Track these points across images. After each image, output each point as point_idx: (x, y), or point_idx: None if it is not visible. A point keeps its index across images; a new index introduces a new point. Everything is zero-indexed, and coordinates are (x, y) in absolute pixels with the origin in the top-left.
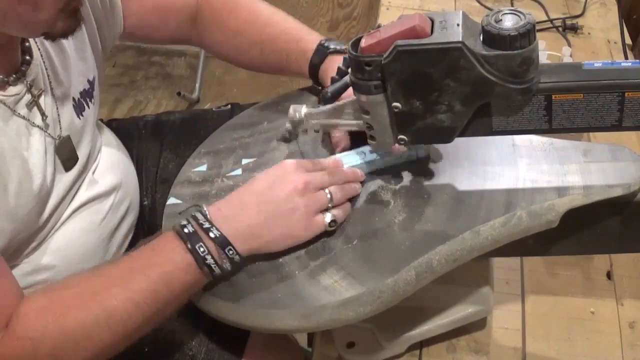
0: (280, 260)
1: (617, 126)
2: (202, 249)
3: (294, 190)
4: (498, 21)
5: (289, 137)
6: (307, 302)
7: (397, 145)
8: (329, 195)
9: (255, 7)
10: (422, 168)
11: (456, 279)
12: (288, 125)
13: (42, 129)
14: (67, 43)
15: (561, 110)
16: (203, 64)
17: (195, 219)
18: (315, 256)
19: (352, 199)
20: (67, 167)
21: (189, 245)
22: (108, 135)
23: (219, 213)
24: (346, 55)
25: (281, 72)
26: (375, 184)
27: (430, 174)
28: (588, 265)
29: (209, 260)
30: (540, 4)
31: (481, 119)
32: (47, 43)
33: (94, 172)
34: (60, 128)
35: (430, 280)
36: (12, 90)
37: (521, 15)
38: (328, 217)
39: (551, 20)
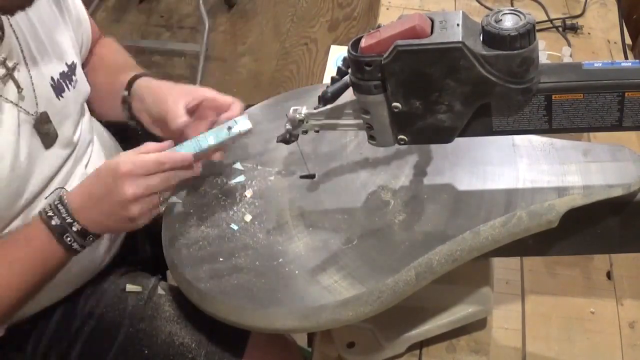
0: (280, 260)
1: (617, 126)
2: (69, 239)
3: (126, 201)
4: (498, 21)
5: (288, 138)
6: (307, 302)
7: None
8: (160, 198)
9: (119, 57)
10: (422, 168)
11: (456, 279)
12: (288, 126)
13: (16, 105)
14: (40, 24)
15: (561, 110)
16: (203, 64)
17: (59, 211)
18: (315, 256)
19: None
20: (47, 144)
21: (56, 235)
22: (102, 132)
23: (75, 204)
24: (345, 55)
25: (115, 115)
26: (375, 184)
27: (430, 174)
28: (588, 265)
29: (75, 246)
30: (540, 4)
31: (481, 119)
32: (19, 21)
33: (86, 166)
34: (37, 104)
35: (430, 280)
36: None
37: (521, 15)
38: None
39: (551, 20)
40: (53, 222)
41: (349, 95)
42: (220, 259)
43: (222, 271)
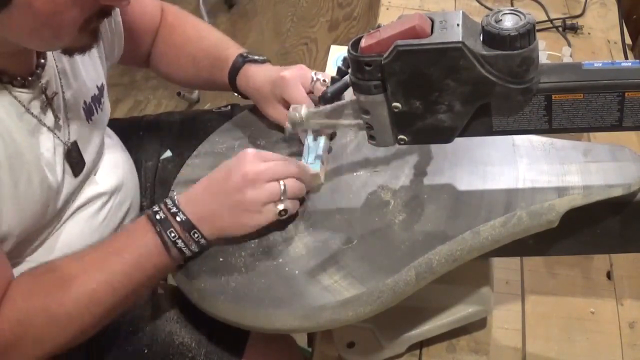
0: (280, 260)
1: (617, 126)
2: (172, 234)
3: (243, 180)
4: (498, 21)
5: (288, 138)
6: (307, 302)
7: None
8: (282, 187)
9: (197, 23)
10: (422, 168)
11: (456, 279)
12: (288, 126)
13: (52, 131)
14: None
15: (561, 110)
16: None
17: (165, 204)
18: (316, 256)
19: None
20: (76, 173)
21: (158, 229)
22: (110, 136)
23: (185, 198)
24: (345, 55)
25: (210, 85)
26: (375, 184)
27: (430, 174)
28: (588, 265)
29: (180, 243)
30: (540, 4)
31: (481, 119)
32: None
33: (95, 173)
34: (69, 132)
35: (430, 280)
36: (28, 90)
37: (521, 15)
38: (280, 206)
39: (551, 20)
40: (157, 216)
41: (349, 95)
42: (220, 259)
43: (222, 271)
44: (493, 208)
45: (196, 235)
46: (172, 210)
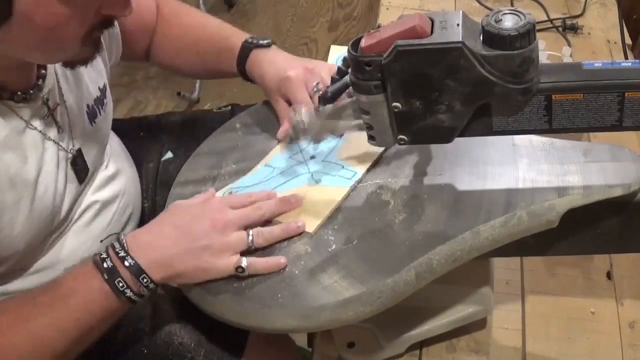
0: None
1: (617, 126)
2: (120, 284)
3: (212, 228)
4: (498, 21)
5: (289, 140)
6: (307, 302)
7: None
8: (250, 237)
9: (194, 12)
10: (422, 168)
11: (456, 279)
12: (290, 130)
13: (56, 142)
14: None
15: (561, 110)
16: None
17: (113, 247)
18: (316, 256)
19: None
20: (81, 179)
21: (106, 276)
22: (114, 141)
23: (136, 241)
24: (345, 55)
25: (216, 73)
26: (375, 184)
27: (430, 174)
28: (588, 265)
29: (128, 293)
30: (540, 4)
31: (481, 119)
32: None
33: (98, 178)
34: (73, 139)
35: (430, 280)
36: (29, 103)
37: (521, 15)
38: (243, 262)
39: (551, 20)
40: (105, 264)
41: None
42: None
43: None
44: (493, 208)
45: (145, 280)
46: (119, 254)
